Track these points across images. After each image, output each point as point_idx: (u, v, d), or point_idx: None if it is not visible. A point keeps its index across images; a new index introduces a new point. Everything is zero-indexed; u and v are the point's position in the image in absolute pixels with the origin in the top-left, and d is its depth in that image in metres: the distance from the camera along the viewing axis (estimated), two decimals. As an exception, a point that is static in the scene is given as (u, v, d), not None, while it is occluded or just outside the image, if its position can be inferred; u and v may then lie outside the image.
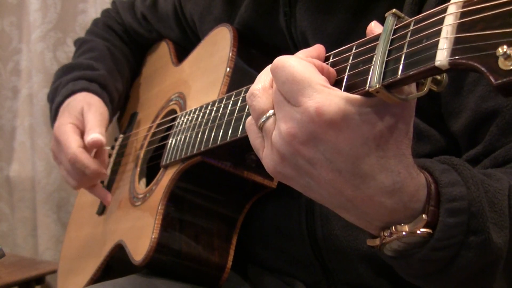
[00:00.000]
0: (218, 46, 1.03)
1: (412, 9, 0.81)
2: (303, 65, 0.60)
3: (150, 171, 1.16)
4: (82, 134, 1.14)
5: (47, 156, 2.04)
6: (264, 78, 0.65)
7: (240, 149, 0.92)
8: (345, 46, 0.88)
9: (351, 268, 0.92)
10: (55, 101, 1.21)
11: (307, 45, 0.93)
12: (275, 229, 1.00)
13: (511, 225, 0.66)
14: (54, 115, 1.20)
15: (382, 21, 0.63)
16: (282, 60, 0.61)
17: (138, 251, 0.98)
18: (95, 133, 1.11)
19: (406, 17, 0.58)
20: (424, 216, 0.62)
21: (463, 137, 0.82)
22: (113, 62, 1.29)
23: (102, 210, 1.24)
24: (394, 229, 0.63)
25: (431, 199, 0.62)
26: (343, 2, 0.88)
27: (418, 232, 0.62)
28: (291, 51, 0.97)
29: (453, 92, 0.80)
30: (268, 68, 0.66)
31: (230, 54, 0.97)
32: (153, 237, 0.95)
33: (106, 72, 1.25)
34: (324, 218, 0.93)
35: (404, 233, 0.62)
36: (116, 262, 1.13)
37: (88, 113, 1.15)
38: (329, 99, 0.57)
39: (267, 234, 1.01)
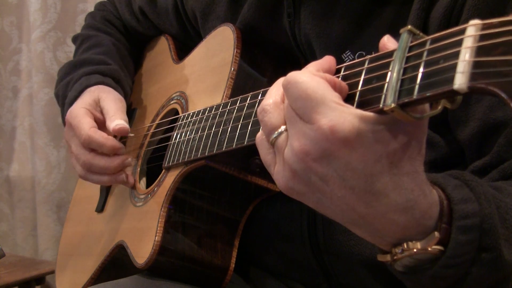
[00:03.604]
0: (221, 47, 1.02)
1: (419, 15, 0.80)
2: (316, 81, 0.60)
3: (150, 170, 1.15)
4: (95, 119, 1.11)
5: (47, 156, 2.04)
6: (275, 93, 0.64)
7: (245, 154, 0.91)
8: (348, 51, 0.88)
9: (352, 272, 0.92)
10: (69, 96, 1.17)
11: (310, 47, 0.93)
12: (277, 232, 1.00)
13: None
14: (69, 108, 1.15)
15: (387, 27, 0.62)
16: (294, 76, 0.60)
17: (141, 253, 0.98)
18: (119, 120, 1.08)
19: (421, 33, 0.58)
20: (436, 233, 0.62)
21: (469, 146, 0.81)
22: (120, 58, 1.27)
23: (101, 207, 1.23)
24: (406, 246, 0.63)
25: (443, 216, 0.62)
26: (348, 7, 0.88)
27: (430, 249, 0.62)
28: (294, 52, 0.97)
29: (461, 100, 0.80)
30: (279, 82, 0.65)
31: (234, 55, 0.96)
32: (156, 240, 0.95)
33: (118, 67, 1.23)
34: (325, 222, 0.93)
35: (415, 250, 0.62)
36: (117, 262, 1.12)
37: (106, 100, 1.12)
38: (343, 117, 0.57)
39: (268, 237, 1.02)
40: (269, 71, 0.99)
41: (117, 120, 1.08)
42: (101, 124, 1.12)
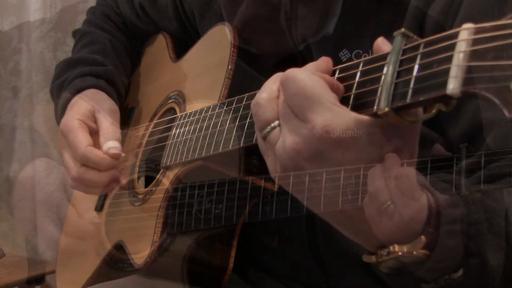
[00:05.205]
0: (218, 46, 1.02)
1: (416, 14, 0.80)
2: (314, 80, 0.59)
3: (148, 169, 1.15)
4: (90, 130, 1.10)
5: (47, 156, 2.04)
6: (270, 87, 0.64)
7: (242, 155, 0.91)
8: (345, 49, 0.88)
9: (351, 273, 0.92)
10: (62, 97, 1.16)
11: (307, 46, 0.93)
12: (275, 233, 1.00)
13: (507, 247, 0.66)
14: (61, 110, 1.16)
15: (385, 25, 0.62)
16: (294, 73, 0.60)
17: (139, 254, 0.98)
18: (114, 142, 1.07)
19: (415, 36, 0.57)
20: (423, 237, 0.61)
21: (458, 145, 0.81)
22: (116, 56, 1.26)
23: (100, 207, 1.23)
24: (391, 249, 0.62)
25: (431, 220, 0.62)
26: (345, 7, 0.88)
27: (415, 253, 0.61)
28: (292, 50, 0.96)
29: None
30: (275, 77, 0.65)
31: (231, 55, 0.96)
32: (154, 240, 0.95)
33: (112, 67, 1.22)
34: (324, 222, 0.92)
35: (401, 253, 0.62)
36: (116, 262, 1.13)
37: (100, 113, 1.11)
38: (338, 117, 0.57)
39: (267, 237, 1.01)
40: (267, 69, 0.98)
41: (111, 141, 1.07)
42: (95, 134, 1.11)
